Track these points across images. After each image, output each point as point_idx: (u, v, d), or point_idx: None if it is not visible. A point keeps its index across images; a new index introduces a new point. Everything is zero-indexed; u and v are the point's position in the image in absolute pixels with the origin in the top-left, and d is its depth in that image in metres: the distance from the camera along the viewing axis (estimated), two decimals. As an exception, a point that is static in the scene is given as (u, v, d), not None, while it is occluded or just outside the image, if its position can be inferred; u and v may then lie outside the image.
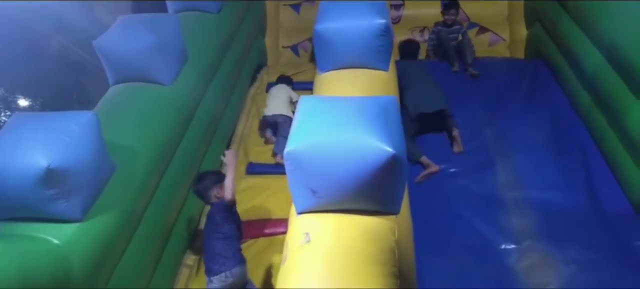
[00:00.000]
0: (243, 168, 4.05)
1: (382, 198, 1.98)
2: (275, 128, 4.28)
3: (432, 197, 3.54)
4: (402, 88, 4.16)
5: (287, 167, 1.96)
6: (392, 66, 3.25)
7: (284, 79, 4.79)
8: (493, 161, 3.80)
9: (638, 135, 3.24)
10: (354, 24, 2.95)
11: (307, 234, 1.93)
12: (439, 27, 5.33)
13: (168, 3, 4.21)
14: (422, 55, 5.51)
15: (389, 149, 1.84)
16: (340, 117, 1.99)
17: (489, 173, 3.69)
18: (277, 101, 4.36)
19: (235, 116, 4.46)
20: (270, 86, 5.13)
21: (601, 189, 3.51)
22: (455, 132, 3.98)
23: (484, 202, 3.45)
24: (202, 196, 2.94)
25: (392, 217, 2.03)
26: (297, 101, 3.12)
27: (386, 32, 2.97)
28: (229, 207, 2.80)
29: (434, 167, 3.76)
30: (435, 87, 4.26)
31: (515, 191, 3.54)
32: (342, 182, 1.91)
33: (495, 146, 3.96)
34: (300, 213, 2.05)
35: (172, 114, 3.18)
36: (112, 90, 3.23)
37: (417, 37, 6.05)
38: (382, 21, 2.93)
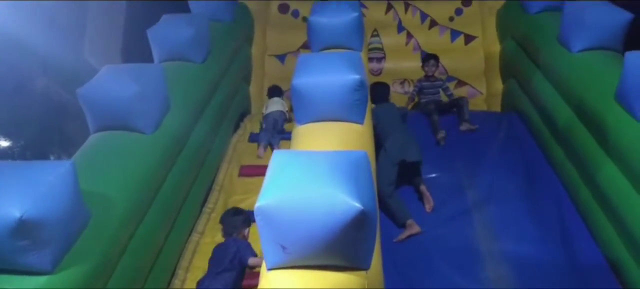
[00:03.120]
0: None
1: (351, 254, 2.01)
2: (273, 126, 5.03)
3: (408, 249, 3.57)
4: (380, 132, 4.25)
5: (258, 223, 1.99)
6: (367, 119, 3.34)
7: (275, 91, 5.49)
8: (470, 212, 3.87)
9: (609, 192, 3.34)
10: (329, 79, 3.05)
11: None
12: (423, 82, 5.48)
13: (154, 52, 4.32)
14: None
15: (358, 205, 1.88)
16: (311, 172, 2.04)
17: (466, 225, 3.74)
18: (272, 105, 5.26)
19: (217, 163, 4.50)
20: (252, 136, 5.23)
21: (576, 244, 3.58)
22: (423, 187, 4.01)
23: (460, 255, 3.49)
24: (228, 226, 3.50)
25: (362, 273, 2.05)
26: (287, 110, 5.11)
27: (361, 87, 3.08)
28: (244, 257, 3.25)
29: (416, 229, 3.74)
30: (412, 136, 4.36)
31: (491, 243, 3.59)
32: (311, 238, 1.93)
33: (472, 197, 4.04)
34: (270, 269, 2.06)
35: (151, 163, 3.20)
36: (93, 138, 3.26)
37: (398, 89, 6.26)
38: (357, 77, 3.04)
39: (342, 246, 1.96)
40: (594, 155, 3.50)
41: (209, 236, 3.80)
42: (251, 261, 3.31)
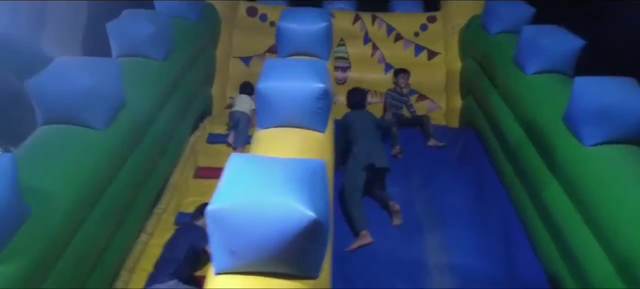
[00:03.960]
0: (172, 218, 3.96)
1: (301, 262, 2.00)
2: (235, 125, 5.03)
3: (359, 259, 3.59)
4: (352, 137, 4.29)
5: (208, 226, 1.95)
6: (330, 128, 3.35)
7: (246, 88, 5.44)
8: (421, 226, 3.93)
9: (552, 210, 3.47)
10: (294, 86, 3.04)
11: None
12: (393, 93, 5.52)
13: (113, 47, 4.19)
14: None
15: (311, 214, 1.88)
16: (266, 179, 2.02)
17: (416, 238, 3.80)
18: (240, 102, 5.23)
19: (173, 164, 4.39)
20: (211, 136, 5.15)
21: (519, 258, 3.70)
22: (397, 207, 3.94)
23: (409, 267, 3.54)
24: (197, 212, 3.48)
25: (310, 281, 2.04)
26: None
27: (324, 96, 3.08)
28: (199, 245, 3.18)
29: (368, 240, 3.73)
30: (381, 144, 4.39)
31: (440, 257, 3.66)
32: (261, 244, 1.91)
33: (425, 211, 4.11)
34: (218, 273, 2.02)
35: (101, 160, 3.09)
36: (40, 131, 3.12)
37: (362, 99, 6.31)
38: (322, 85, 3.05)
39: (293, 254, 1.95)
40: (541, 174, 3.64)
41: (158, 237, 3.70)
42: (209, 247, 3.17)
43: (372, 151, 4.13)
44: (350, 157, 4.17)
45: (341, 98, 6.26)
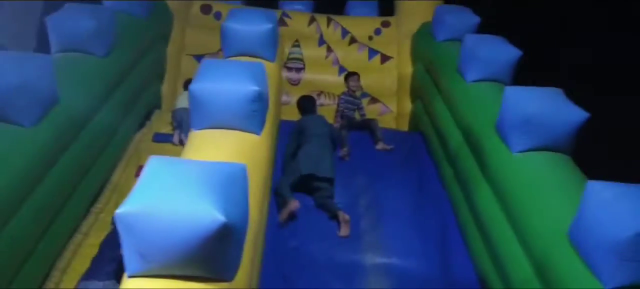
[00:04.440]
0: (110, 218, 3.88)
1: (213, 265, 2.00)
2: (181, 122, 4.96)
3: (295, 261, 3.61)
4: (300, 142, 4.34)
5: (118, 228, 1.93)
6: (267, 130, 3.36)
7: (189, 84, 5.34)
8: (360, 226, 3.99)
9: (482, 212, 3.60)
10: (227, 87, 3.04)
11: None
12: (346, 97, 5.57)
13: (51, 41, 4.06)
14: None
15: (221, 218, 1.89)
16: (182, 182, 2.02)
17: (355, 238, 3.86)
18: (183, 99, 5.12)
19: (113, 162, 4.30)
20: (157, 135, 5.07)
21: (453, 259, 3.81)
22: (346, 217, 3.90)
23: (345, 268, 3.59)
24: None
25: (224, 285, 2.05)
26: None
27: (259, 99, 3.09)
28: None
29: (294, 205, 3.83)
30: (330, 151, 4.42)
31: (377, 257, 3.73)
32: (171, 248, 1.91)
33: (366, 213, 4.17)
34: (130, 276, 2.01)
35: (27, 158, 3.00)
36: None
37: (314, 101, 6.35)
38: (256, 88, 3.05)
39: (204, 258, 1.95)
40: (475, 178, 3.76)
41: (94, 238, 3.63)
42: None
43: (316, 159, 4.15)
44: (293, 159, 4.20)
45: (292, 99, 6.36)
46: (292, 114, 5.92)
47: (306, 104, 4.95)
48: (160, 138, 4.99)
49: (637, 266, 2.27)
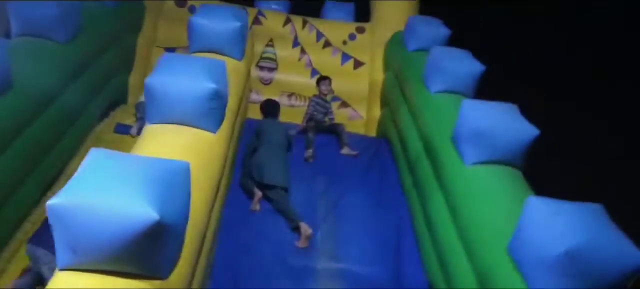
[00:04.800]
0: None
1: (147, 263, 1.99)
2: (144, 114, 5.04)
3: (250, 263, 3.60)
4: (256, 145, 4.36)
5: (50, 220, 1.90)
6: (224, 128, 3.34)
7: None
8: (316, 230, 4.00)
9: (434, 220, 3.66)
10: (184, 83, 3.02)
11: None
12: (317, 99, 5.56)
13: (12, 25, 3.98)
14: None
15: (154, 214, 1.87)
16: (119, 177, 2.00)
17: (311, 243, 3.87)
18: None
19: (71, 151, 4.23)
20: (119, 126, 5.00)
21: (405, 267, 3.85)
22: (309, 232, 3.84)
23: (298, 273, 3.59)
24: None
25: (157, 282, 2.04)
26: None
27: (216, 97, 3.08)
28: None
29: (258, 194, 4.04)
30: (283, 159, 4.39)
31: (331, 262, 3.75)
32: (103, 243, 1.89)
33: (322, 216, 4.19)
34: (61, 269, 1.98)
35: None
36: None
37: (285, 101, 6.36)
38: (212, 86, 3.04)
39: (136, 255, 1.94)
40: (430, 187, 3.82)
41: (43, 228, 3.55)
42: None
43: (266, 167, 4.15)
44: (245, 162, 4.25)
45: (263, 99, 6.33)
46: (258, 114, 5.93)
47: (268, 108, 4.99)
48: (121, 129, 4.92)
49: (571, 281, 2.33)
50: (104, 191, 1.92)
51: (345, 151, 5.11)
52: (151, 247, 1.94)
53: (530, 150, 3.37)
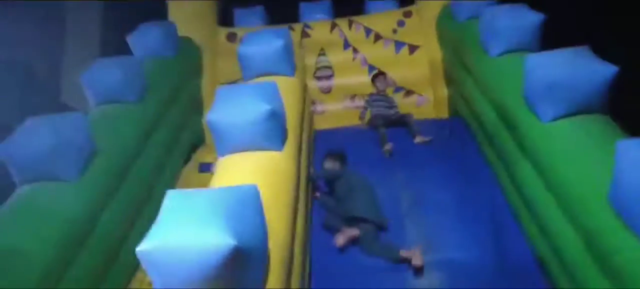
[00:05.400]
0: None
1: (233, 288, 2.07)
2: None
3: (341, 267, 3.61)
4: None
5: (142, 265, 2.06)
6: (289, 144, 3.42)
7: None
8: (404, 225, 3.91)
9: (526, 190, 3.43)
10: (239, 111, 3.14)
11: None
12: (374, 96, 5.53)
13: (88, 97, 4.40)
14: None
15: (230, 241, 1.95)
16: (196, 212, 2.11)
17: (400, 238, 3.76)
18: None
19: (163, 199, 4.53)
20: (202, 166, 5.30)
21: (507, 243, 3.63)
22: (416, 254, 3.51)
23: (392, 269, 3.53)
24: None
25: (248, 305, 2.12)
26: None
27: (272, 116, 3.16)
28: None
29: (353, 233, 3.69)
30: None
31: (427, 254, 3.62)
32: (191, 278, 2.00)
33: (407, 209, 4.08)
34: (163, 308, 2.12)
35: (76, 211, 3.26)
36: (18, 190, 3.33)
37: (349, 104, 6.37)
38: (266, 106, 3.13)
39: (222, 282, 2.02)
40: (513, 155, 3.60)
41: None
42: None
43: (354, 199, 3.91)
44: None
45: (327, 107, 6.41)
46: (328, 123, 6.00)
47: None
48: (205, 168, 5.20)
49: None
50: (182, 228, 2.04)
51: (418, 139, 4.97)
52: (235, 272, 2.02)
53: (611, 91, 3.06)
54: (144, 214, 4.07)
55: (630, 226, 2.28)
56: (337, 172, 4.19)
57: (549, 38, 4.16)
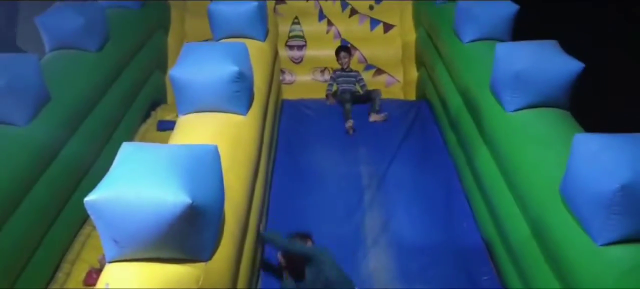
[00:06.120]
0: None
1: (185, 247, 2.02)
2: None
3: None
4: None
5: (90, 215, 1.97)
6: (254, 110, 3.34)
7: None
8: (362, 202, 3.93)
9: (483, 175, 3.51)
10: (206, 70, 3.03)
11: (107, 284, 1.94)
12: (338, 72, 5.52)
13: (44, 41, 4.15)
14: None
15: (186, 199, 1.90)
16: (151, 167, 2.03)
17: (357, 216, 3.80)
18: None
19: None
20: (161, 124, 5.14)
21: (458, 226, 3.73)
22: None
23: (345, 243, 3.56)
24: None
25: (200, 264, 2.08)
26: None
27: (239, 79, 3.07)
28: None
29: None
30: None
31: (378, 233, 3.66)
32: (141, 232, 1.94)
33: (367, 187, 4.11)
34: (109, 262, 2.06)
35: (25, 156, 3.10)
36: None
37: (318, 78, 6.31)
38: (234, 68, 3.03)
39: (175, 240, 1.98)
40: (474, 141, 3.67)
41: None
42: None
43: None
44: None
45: (297, 78, 6.33)
46: (295, 93, 5.92)
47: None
48: (163, 126, 5.05)
49: (626, 219, 2.17)
50: (136, 182, 1.96)
51: (372, 118, 4.93)
52: (188, 230, 1.97)
53: (576, 87, 3.14)
54: (94, 168, 3.93)
55: (578, 218, 2.37)
56: (309, 252, 3.17)
57: (521, 30, 4.23)
